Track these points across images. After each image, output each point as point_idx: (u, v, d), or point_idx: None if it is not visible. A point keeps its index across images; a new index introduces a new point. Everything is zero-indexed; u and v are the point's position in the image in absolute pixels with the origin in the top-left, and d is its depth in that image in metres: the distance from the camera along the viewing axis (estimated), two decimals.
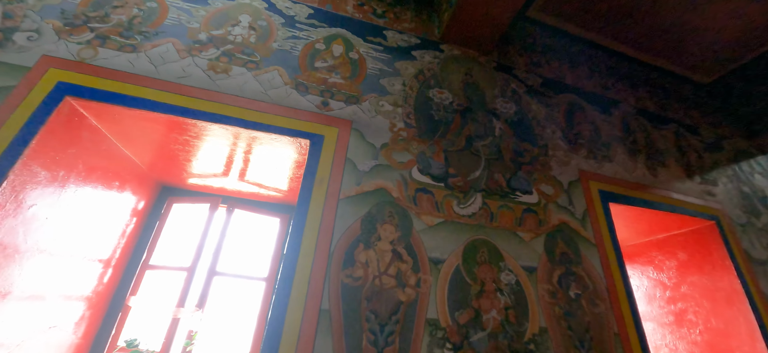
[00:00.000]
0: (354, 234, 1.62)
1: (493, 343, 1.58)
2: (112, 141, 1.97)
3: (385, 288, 1.55)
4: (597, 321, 1.81)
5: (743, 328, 2.30)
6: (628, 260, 3.21)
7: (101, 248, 2.15)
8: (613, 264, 2.02)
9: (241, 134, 1.77)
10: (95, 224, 2.06)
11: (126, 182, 2.16)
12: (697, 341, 2.55)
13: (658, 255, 2.97)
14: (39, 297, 1.74)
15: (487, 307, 1.65)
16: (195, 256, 2.36)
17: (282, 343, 1.33)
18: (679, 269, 2.77)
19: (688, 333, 2.61)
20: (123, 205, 2.25)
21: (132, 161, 2.19)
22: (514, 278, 1.76)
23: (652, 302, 2.94)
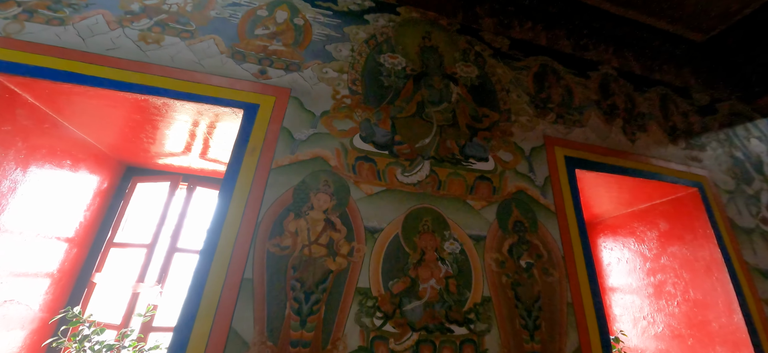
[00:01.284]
0: (285, 204, 1.57)
1: (428, 312, 1.52)
2: (58, 119, 1.96)
3: (314, 256, 1.50)
4: (549, 290, 1.72)
5: (721, 299, 2.17)
6: (610, 232, 3.07)
7: (64, 227, 2.18)
8: (573, 233, 1.91)
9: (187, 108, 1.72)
10: (56, 203, 2.08)
11: (79, 160, 2.16)
12: (674, 313, 2.43)
13: (639, 226, 2.82)
14: (5, 276, 1.79)
15: (425, 276, 1.59)
16: (155, 233, 2.38)
17: (200, 310, 1.32)
18: (659, 239, 2.62)
19: (667, 304, 2.49)
20: (82, 185, 2.27)
21: (84, 140, 2.19)
22: (458, 247, 1.69)
23: (632, 274, 2.81)
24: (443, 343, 1.48)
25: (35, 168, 1.87)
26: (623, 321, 2.81)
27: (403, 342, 1.45)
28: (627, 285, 2.84)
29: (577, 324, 1.69)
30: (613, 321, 2.90)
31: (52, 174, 2.01)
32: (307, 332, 1.38)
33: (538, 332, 1.62)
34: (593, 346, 1.66)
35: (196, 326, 1.30)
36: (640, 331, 2.67)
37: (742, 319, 2.05)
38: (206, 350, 1.27)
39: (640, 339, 2.65)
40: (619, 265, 2.95)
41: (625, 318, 2.81)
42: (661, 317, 2.51)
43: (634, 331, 2.72)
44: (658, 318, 2.53)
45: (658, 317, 2.53)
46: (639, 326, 2.68)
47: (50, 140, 1.95)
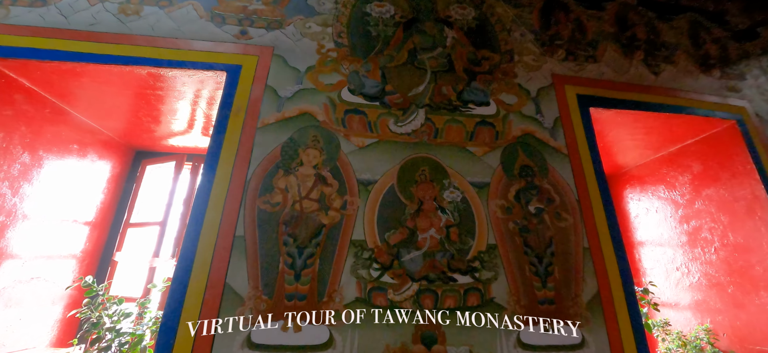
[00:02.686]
0: (273, 161, 1.52)
1: (429, 262, 1.44)
2: (59, 104, 2.01)
3: (305, 212, 1.45)
4: (562, 235, 1.59)
5: (765, 240, 1.93)
6: (636, 183, 2.83)
7: (84, 211, 2.28)
8: (588, 174, 1.74)
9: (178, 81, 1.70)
10: (74, 190, 2.17)
11: (86, 145, 2.22)
12: (711, 260, 2.21)
13: (669, 172, 2.56)
14: (31, 258, 1.89)
15: (424, 226, 1.50)
16: (166, 211, 2.44)
17: (194, 268, 1.31)
18: (692, 183, 2.37)
19: (703, 252, 2.27)
20: (96, 171, 2.35)
21: (90, 125, 2.24)
22: (459, 195, 1.58)
23: (662, 224, 2.58)
24: (446, 292, 1.40)
25: (43, 152, 1.93)
26: (654, 275, 2.61)
27: (403, 292, 1.38)
28: (657, 236, 2.62)
29: (595, 269, 1.55)
30: (642, 275, 2.70)
31: (65, 162, 2.07)
32: (302, 285, 1.34)
33: (551, 278, 1.50)
34: (614, 292, 1.53)
35: (191, 284, 1.29)
36: (673, 283, 2.46)
37: None
38: (202, 307, 1.27)
39: (674, 292, 2.45)
40: (647, 216, 2.72)
41: (656, 271, 2.60)
42: (697, 266, 2.29)
43: (666, 284, 2.51)
44: (694, 268, 2.31)
45: (694, 266, 2.31)
46: (672, 278, 2.47)
47: (54, 125, 2.00)
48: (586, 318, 1.47)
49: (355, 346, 1.28)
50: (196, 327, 1.24)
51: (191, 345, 1.22)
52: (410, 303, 1.37)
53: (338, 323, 1.31)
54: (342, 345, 1.28)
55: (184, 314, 1.25)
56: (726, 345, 2.07)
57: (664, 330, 2.20)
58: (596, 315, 1.48)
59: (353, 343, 1.29)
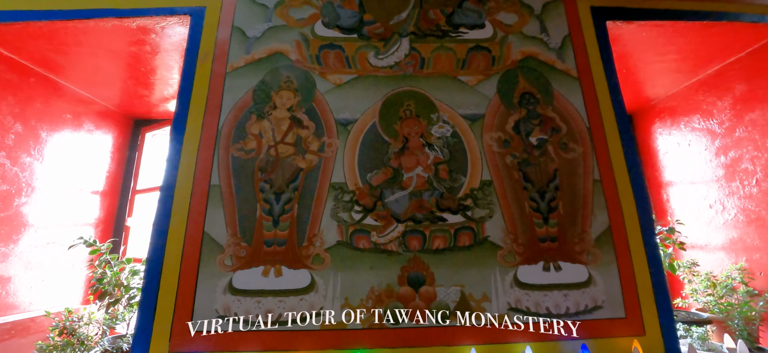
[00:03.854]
0: (245, 106, 1.42)
1: (415, 202, 1.33)
2: (42, 73, 1.99)
3: (281, 156, 1.37)
4: (568, 168, 1.41)
5: None
6: (667, 115, 2.51)
7: (95, 182, 2.35)
8: (602, 98, 1.51)
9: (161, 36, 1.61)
10: (82, 161, 2.23)
11: (80, 115, 2.24)
12: (752, 193, 1.94)
13: (706, 98, 2.23)
14: (47, 226, 1.99)
15: (409, 165, 1.37)
16: None
17: (172, 220, 1.27)
18: (733, 107, 2.05)
19: (742, 185, 2.00)
20: (99, 142, 2.39)
21: (81, 95, 2.24)
22: (449, 129, 1.43)
23: (695, 159, 2.29)
24: (434, 233, 1.30)
25: (36, 123, 1.95)
26: (683, 217, 2.37)
27: (388, 234, 1.29)
28: (688, 173, 2.35)
29: (607, 202, 1.38)
30: (670, 216, 2.46)
31: (63, 133, 2.10)
32: (281, 231, 1.29)
33: (554, 214, 1.35)
34: (628, 226, 1.36)
35: (170, 235, 1.27)
36: (704, 223, 2.22)
37: None
38: (182, 257, 1.25)
39: (705, 232, 2.21)
40: (678, 151, 2.42)
41: (685, 212, 2.36)
42: (734, 201, 2.03)
43: (696, 224, 2.28)
44: (730, 204, 2.06)
45: (730, 202, 2.06)
46: (703, 217, 2.23)
47: (42, 95, 2.00)
48: (595, 254, 1.32)
49: (337, 289, 1.23)
50: (178, 275, 1.22)
51: (175, 294, 1.21)
52: (396, 244, 1.28)
53: (319, 267, 1.25)
54: (324, 288, 1.23)
55: (165, 263, 1.23)
56: (763, 285, 1.87)
57: (691, 271, 2.01)
58: (606, 251, 1.33)
59: (336, 286, 1.23)
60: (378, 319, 1.21)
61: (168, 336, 1.18)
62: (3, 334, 1.58)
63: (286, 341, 1.18)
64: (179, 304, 1.20)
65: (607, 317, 1.26)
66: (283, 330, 1.19)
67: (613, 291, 1.29)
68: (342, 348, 1.18)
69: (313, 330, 1.19)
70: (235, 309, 1.21)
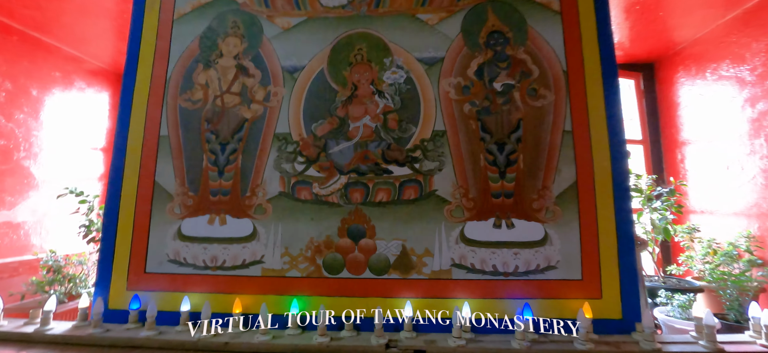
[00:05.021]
0: (192, 55, 1.38)
1: (360, 153, 1.26)
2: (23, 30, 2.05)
3: (227, 107, 1.33)
4: (535, 117, 1.26)
5: None
6: (691, 62, 2.16)
7: (95, 139, 2.50)
8: (587, 37, 1.30)
9: None
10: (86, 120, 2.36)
11: (70, 72, 2.32)
12: None
13: (739, 39, 1.88)
14: (56, 180, 2.17)
15: (357, 114, 1.29)
16: None
17: (125, 170, 1.32)
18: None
19: (766, 142, 1.72)
20: (93, 101, 2.50)
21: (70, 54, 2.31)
22: (403, 75, 1.31)
23: (717, 113, 1.99)
24: (378, 185, 1.24)
25: (25, 81, 2.05)
26: (697, 177, 2.12)
27: (329, 185, 1.25)
28: (707, 130, 2.05)
29: (576, 156, 1.23)
30: (682, 178, 2.21)
31: (55, 92, 2.20)
32: (226, 181, 1.29)
33: (512, 168, 1.24)
34: (598, 182, 1.21)
35: (124, 185, 1.31)
36: (719, 185, 1.98)
37: None
38: (136, 206, 1.29)
39: (718, 195, 1.97)
40: (700, 104, 2.11)
41: (699, 172, 2.10)
42: (755, 161, 1.76)
43: (709, 186, 2.03)
44: (751, 163, 1.79)
45: (751, 162, 1.79)
46: (718, 179, 1.98)
47: (28, 53, 2.07)
48: (554, 212, 1.21)
49: (278, 239, 1.23)
50: (133, 223, 1.28)
51: (130, 239, 1.28)
52: (337, 196, 1.24)
53: (262, 217, 1.25)
54: (265, 237, 1.24)
55: (121, 211, 1.29)
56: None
57: (690, 237, 1.82)
58: (568, 209, 1.21)
59: (277, 236, 1.24)
60: (317, 269, 1.21)
61: (126, 278, 1.26)
62: (12, 271, 1.79)
63: (230, 285, 1.22)
64: (134, 249, 1.27)
65: (560, 278, 1.18)
66: (226, 275, 1.23)
67: (571, 251, 1.19)
68: (282, 294, 1.20)
69: (254, 276, 1.23)
70: (184, 254, 1.26)
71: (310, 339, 1.08)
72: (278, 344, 1.07)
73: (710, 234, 1.92)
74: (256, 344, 1.08)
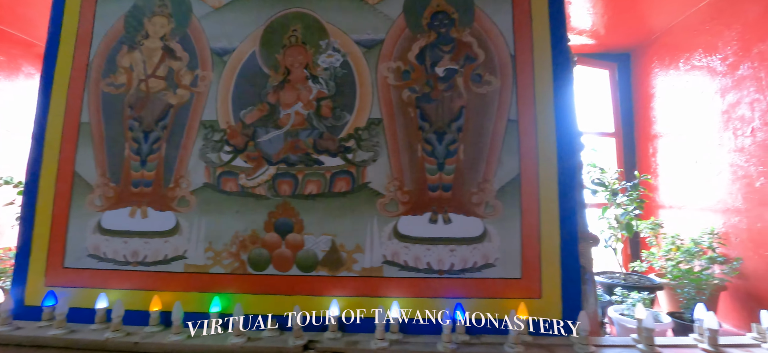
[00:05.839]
0: (116, 36, 1.28)
1: (290, 142, 1.18)
2: None
3: (151, 92, 1.24)
4: (479, 105, 1.18)
5: None
6: (665, 53, 2.07)
7: None
8: (538, 18, 1.21)
9: None
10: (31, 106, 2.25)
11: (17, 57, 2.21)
12: (743, 146, 1.59)
13: (711, 27, 1.78)
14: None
15: (288, 101, 1.20)
16: None
17: (44, 159, 1.23)
18: (741, 38, 1.62)
19: (734, 136, 1.64)
20: None
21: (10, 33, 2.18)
22: (340, 59, 1.22)
23: (688, 105, 1.91)
24: (309, 177, 1.16)
25: None
26: (668, 173, 2.05)
27: (257, 176, 1.17)
28: (678, 122, 1.98)
29: (521, 146, 1.16)
30: (652, 174, 2.14)
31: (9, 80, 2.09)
32: (148, 171, 1.21)
33: (452, 159, 1.16)
34: (543, 175, 1.14)
35: (42, 175, 1.23)
36: (687, 179, 1.91)
37: None
38: (55, 197, 1.21)
39: (687, 188, 1.91)
40: (670, 96, 2.03)
41: (668, 167, 2.04)
42: (723, 155, 1.69)
43: (679, 181, 1.97)
44: (719, 158, 1.72)
45: (719, 156, 1.72)
46: (687, 173, 1.91)
47: None
48: (495, 207, 1.14)
49: (201, 233, 1.16)
50: (51, 215, 1.20)
51: (48, 232, 1.20)
52: (265, 188, 1.17)
53: (185, 209, 1.18)
54: (188, 231, 1.16)
55: (39, 203, 1.21)
56: (739, 252, 1.60)
57: (654, 233, 1.76)
58: (510, 204, 1.14)
59: (200, 230, 1.16)
60: (241, 265, 1.14)
61: (43, 273, 1.18)
62: None
63: (151, 281, 1.15)
64: (52, 243, 1.19)
65: (498, 276, 1.11)
66: (147, 271, 1.16)
67: (511, 248, 1.12)
68: (205, 291, 1.13)
69: (177, 272, 1.15)
70: (104, 249, 1.18)
71: (226, 340, 1.01)
72: (191, 344, 1.01)
73: (677, 230, 1.86)
74: (167, 344, 1.01)
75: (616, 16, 2.05)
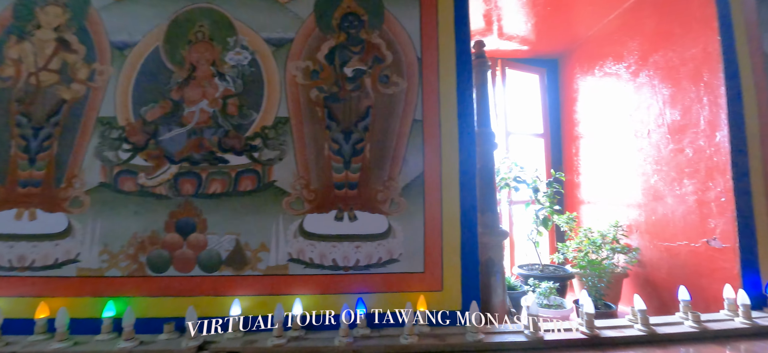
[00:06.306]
0: (4, 25, 1.19)
1: (194, 141, 1.16)
2: None
3: (43, 85, 1.17)
4: (385, 105, 1.22)
5: (705, 112, 1.44)
6: (585, 59, 2.24)
7: None
8: (444, 24, 1.26)
9: None
10: None
11: None
12: (642, 147, 1.76)
13: (620, 37, 1.96)
14: None
15: (193, 98, 1.18)
16: None
17: None
18: (641, 48, 1.79)
19: (635, 137, 1.81)
20: None
21: None
22: (248, 56, 1.21)
23: (600, 109, 2.08)
24: (213, 176, 1.15)
25: None
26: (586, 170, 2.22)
27: (158, 175, 1.14)
28: (593, 124, 2.15)
29: (425, 146, 1.21)
30: (574, 173, 2.31)
31: None
32: (37, 170, 1.13)
33: (358, 158, 1.19)
34: (445, 173, 1.20)
35: None
36: (600, 177, 2.08)
37: (726, 136, 1.34)
38: None
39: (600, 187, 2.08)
40: (589, 100, 2.20)
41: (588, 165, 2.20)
42: (627, 155, 1.86)
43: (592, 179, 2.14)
44: (624, 157, 1.88)
45: (624, 155, 1.88)
46: (600, 172, 2.08)
47: None
48: (399, 204, 1.18)
49: (96, 234, 1.11)
50: None
51: None
52: (166, 187, 1.13)
53: (78, 210, 1.12)
54: (82, 233, 1.11)
55: None
56: (637, 242, 1.76)
57: (570, 227, 1.90)
58: (414, 201, 1.18)
59: (95, 231, 1.11)
60: (140, 267, 1.10)
61: None
62: None
63: (39, 287, 1.08)
64: None
65: (402, 271, 1.16)
66: (35, 276, 1.09)
67: (415, 244, 1.17)
68: (99, 296, 1.08)
69: (68, 277, 1.09)
70: None
71: (115, 345, 0.98)
72: (75, 351, 0.96)
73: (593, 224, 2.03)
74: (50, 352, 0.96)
75: (545, 24, 2.19)
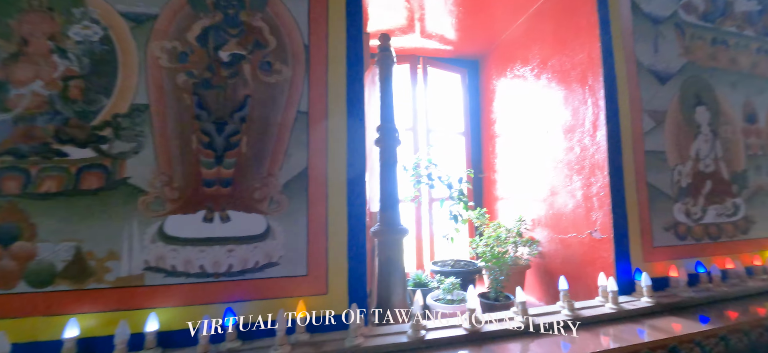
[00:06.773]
0: None
1: (21, 129, 0.96)
2: None
3: None
4: (266, 95, 1.12)
5: (589, 113, 1.57)
6: (500, 61, 2.35)
7: None
8: (335, 9, 1.21)
9: None
10: None
11: None
12: (543, 146, 1.88)
13: (524, 42, 2.07)
14: None
15: (23, 78, 0.98)
16: None
17: None
18: (542, 52, 1.91)
19: (536, 137, 1.93)
20: None
21: None
22: (100, 32, 1.03)
23: (510, 110, 2.20)
24: (46, 172, 0.96)
25: None
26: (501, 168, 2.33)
27: None
28: (506, 123, 2.26)
29: (309, 140, 1.14)
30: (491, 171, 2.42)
31: None
32: None
33: (232, 152, 1.08)
34: (332, 168, 1.14)
35: None
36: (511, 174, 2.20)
37: (604, 136, 1.47)
38: None
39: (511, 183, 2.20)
40: (504, 100, 2.31)
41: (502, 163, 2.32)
42: (532, 152, 1.98)
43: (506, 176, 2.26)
44: (529, 155, 2.00)
45: (529, 153, 2.00)
46: (511, 169, 2.20)
47: None
48: (280, 202, 1.10)
49: None
50: None
51: None
52: None
53: None
54: None
55: None
56: (539, 234, 1.89)
57: (481, 221, 1.98)
58: (296, 199, 1.11)
59: None
60: None
61: None
62: None
63: None
64: None
65: (282, 275, 1.08)
66: None
67: (297, 245, 1.09)
68: None
69: None
70: None
71: None
72: None
73: (504, 219, 2.13)
74: None
75: (464, 25, 2.23)
